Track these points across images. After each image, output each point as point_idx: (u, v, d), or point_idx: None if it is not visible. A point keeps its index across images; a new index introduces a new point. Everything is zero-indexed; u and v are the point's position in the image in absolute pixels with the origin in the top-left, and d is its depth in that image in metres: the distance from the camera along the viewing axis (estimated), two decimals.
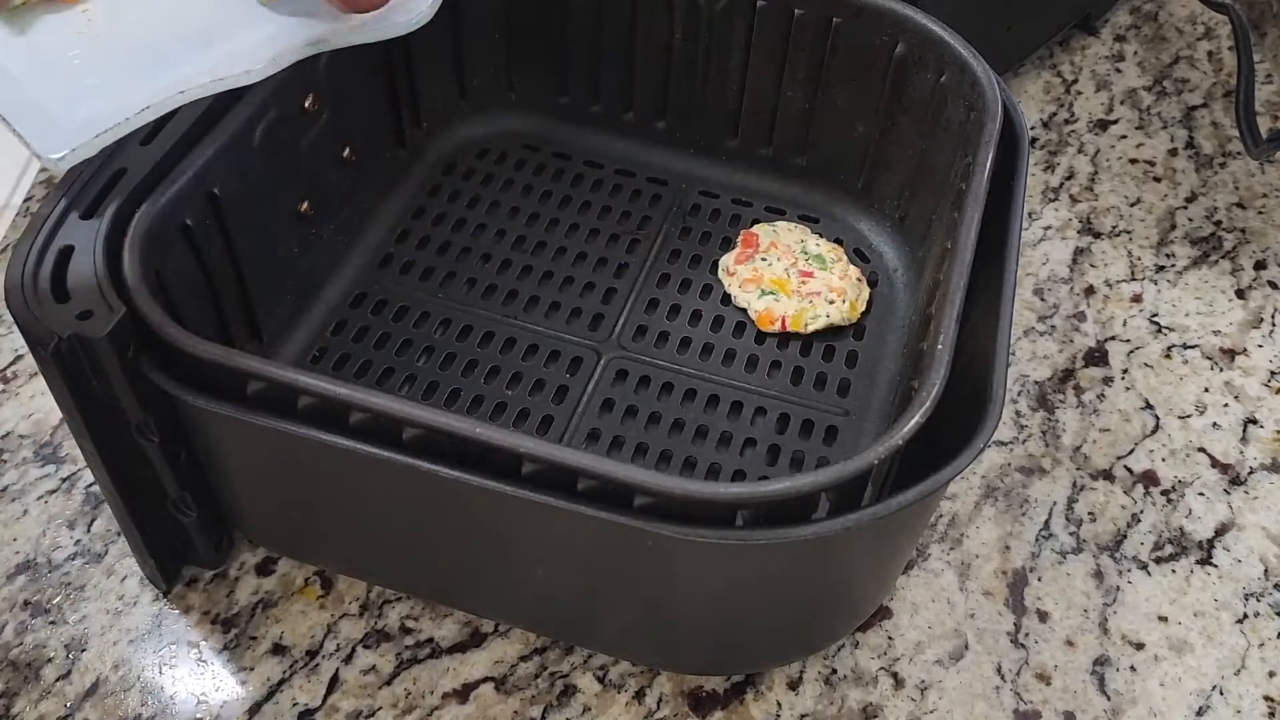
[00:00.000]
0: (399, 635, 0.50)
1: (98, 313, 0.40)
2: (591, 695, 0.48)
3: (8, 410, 0.57)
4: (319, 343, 0.57)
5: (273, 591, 0.51)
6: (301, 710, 0.48)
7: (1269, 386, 0.60)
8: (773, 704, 0.48)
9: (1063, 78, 0.77)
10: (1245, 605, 0.52)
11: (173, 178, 0.46)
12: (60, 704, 0.48)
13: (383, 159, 0.62)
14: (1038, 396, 0.59)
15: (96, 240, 0.43)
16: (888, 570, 0.49)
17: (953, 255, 0.45)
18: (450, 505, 0.43)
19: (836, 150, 0.62)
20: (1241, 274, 0.66)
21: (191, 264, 0.48)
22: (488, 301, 0.59)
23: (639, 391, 0.56)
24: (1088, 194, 0.70)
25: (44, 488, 0.54)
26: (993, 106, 0.51)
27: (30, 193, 0.68)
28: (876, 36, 0.57)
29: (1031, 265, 0.66)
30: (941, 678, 0.49)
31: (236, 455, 0.46)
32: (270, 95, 0.50)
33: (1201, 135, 0.73)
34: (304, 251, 0.56)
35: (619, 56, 0.63)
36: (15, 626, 0.50)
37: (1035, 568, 0.53)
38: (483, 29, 0.63)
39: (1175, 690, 0.49)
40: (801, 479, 0.37)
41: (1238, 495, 0.56)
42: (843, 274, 0.60)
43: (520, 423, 0.54)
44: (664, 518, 0.38)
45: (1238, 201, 0.69)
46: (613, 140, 0.67)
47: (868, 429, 0.55)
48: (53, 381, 0.41)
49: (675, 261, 0.62)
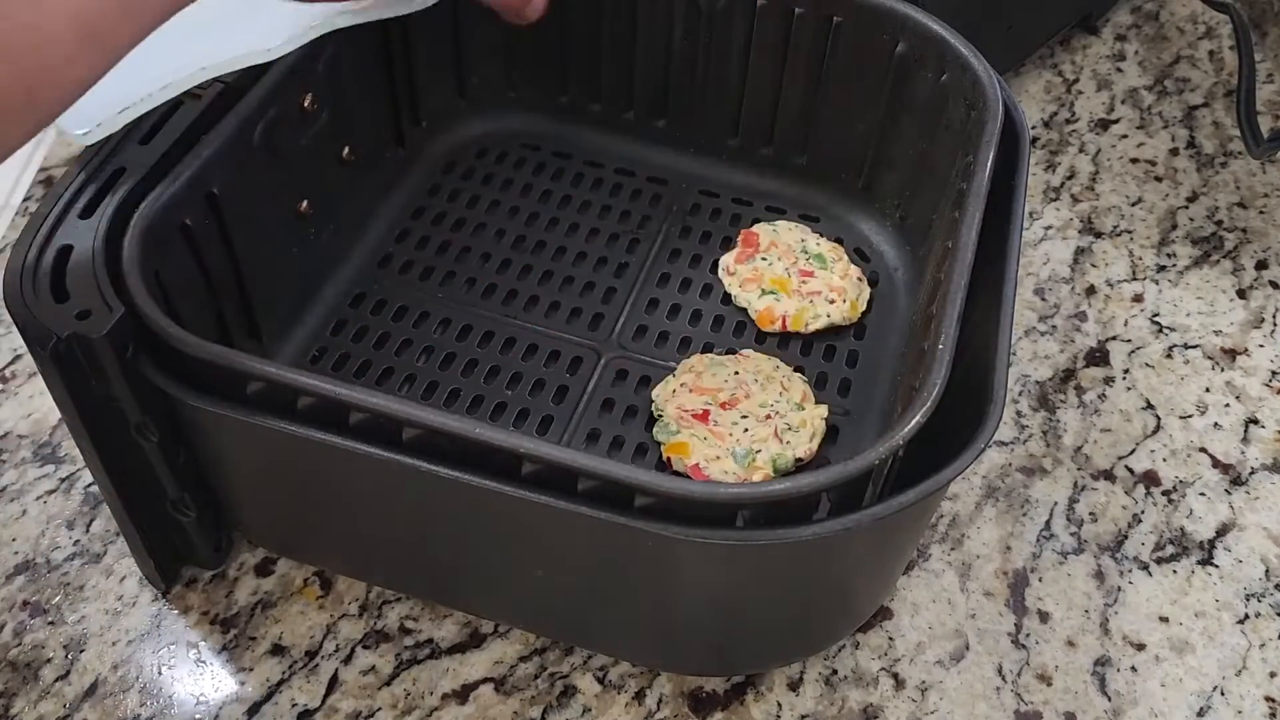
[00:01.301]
0: (398, 636, 0.50)
1: (97, 312, 0.40)
2: (591, 696, 0.48)
3: (6, 410, 0.57)
4: (319, 343, 0.57)
5: (272, 592, 0.51)
6: (301, 711, 0.48)
7: (1270, 386, 0.60)
8: (773, 704, 0.48)
9: (1064, 77, 0.77)
10: (1246, 605, 0.52)
11: (172, 177, 0.46)
12: (59, 704, 0.48)
13: (382, 159, 0.62)
14: (1039, 396, 0.59)
15: (96, 240, 0.43)
16: (888, 571, 0.49)
17: (953, 255, 0.45)
18: (450, 505, 0.43)
19: (837, 149, 0.62)
20: (1243, 274, 0.66)
21: (191, 264, 0.48)
22: (488, 301, 0.59)
23: (639, 391, 0.55)
24: (1089, 193, 0.70)
25: (43, 488, 0.54)
26: (993, 106, 0.51)
27: (29, 193, 0.68)
28: (877, 35, 0.57)
29: (1032, 265, 0.65)
30: (942, 678, 0.49)
31: (236, 455, 0.46)
32: (269, 95, 0.50)
33: (1202, 135, 0.73)
34: (304, 251, 0.56)
35: (619, 56, 0.63)
36: (14, 627, 0.50)
37: (1036, 568, 0.53)
38: (483, 29, 0.63)
39: (1176, 691, 0.49)
40: (802, 479, 0.37)
41: (1239, 495, 0.56)
42: (843, 273, 0.60)
43: (520, 423, 0.54)
44: (664, 518, 0.38)
45: (1239, 201, 0.69)
46: (613, 140, 0.66)
47: (868, 429, 0.54)
48: (51, 381, 0.41)
49: (675, 261, 0.62)
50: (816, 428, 0.53)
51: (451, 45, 0.63)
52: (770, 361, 0.56)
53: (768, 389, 0.54)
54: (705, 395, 0.54)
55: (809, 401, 0.54)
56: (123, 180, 0.45)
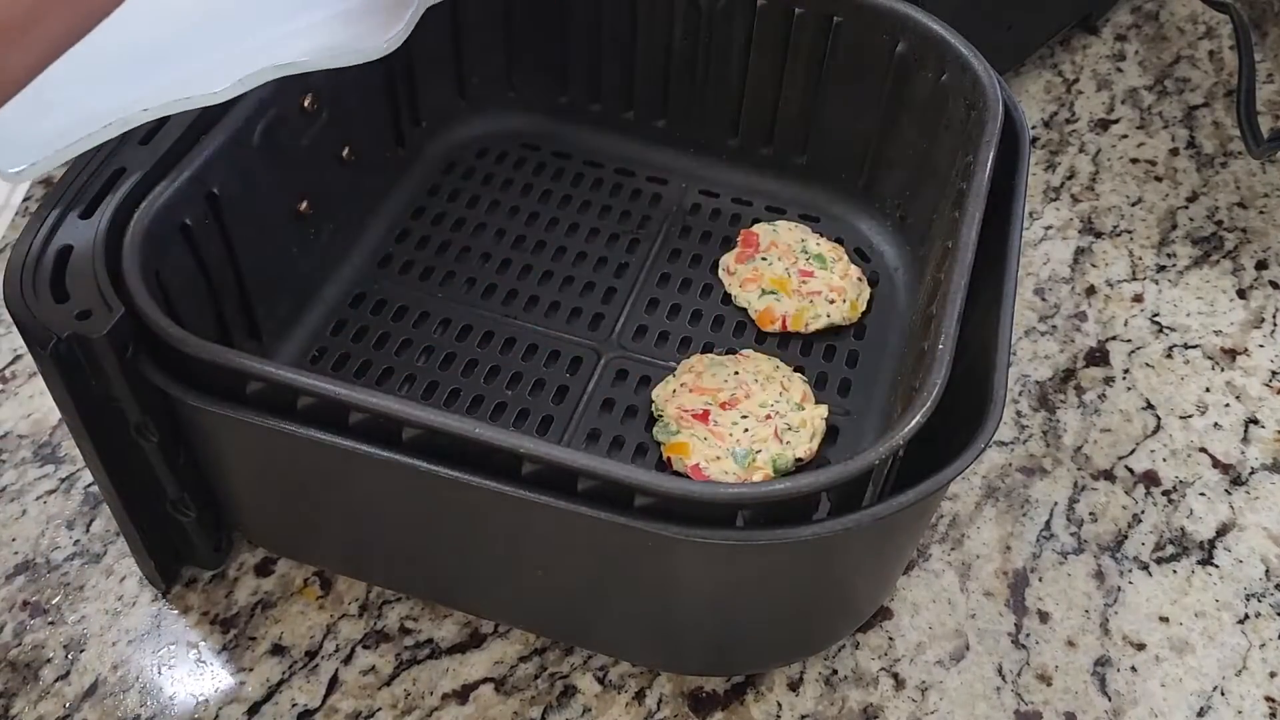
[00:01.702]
0: (398, 636, 0.50)
1: (97, 312, 0.40)
2: (591, 696, 0.48)
3: (6, 410, 0.57)
4: (319, 343, 0.57)
5: (272, 592, 0.51)
6: (301, 711, 0.48)
7: (1270, 386, 0.60)
8: (773, 704, 0.48)
9: (1064, 77, 0.77)
10: (1246, 605, 0.52)
11: (172, 177, 0.46)
12: (59, 704, 0.48)
13: (382, 158, 0.62)
14: (1039, 396, 0.59)
15: (95, 240, 0.43)
16: (888, 571, 0.49)
17: (953, 255, 0.45)
18: (450, 505, 0.43)
19: (837, 149, 0.62)
20: (1243, 274, 0.66)
21: (191, 264, 0.48)
22: (488, 301, 0.59)
23: (639, 391, 0.55)
24: (1089, 193, 0.70)
25: (43, 488, 0.54)
26: (993, 105, 0.51)
27: (29, 192, 0.68)
28: (877, 35, 0.57)
29: (1032, 265, 0.65)
30: (942, 678, 0.49)
31: (236, 455, 0.46)
32: (269, 95, 0.50)
33: (1202, 135, 0.73)
34: (303, 251, 0.56)
35: (619, 56, 0.63)
36: (14, 627, 0.50)
37: (1036, 568, 0.53)
38: (483, 29, 0.63)
39: (1176, 691, 0.49)
40: (801, 479, 0.37)
41: (1239, 495, 0.56)
42: (843, 273, 0.60)
43: (520, 423, 0.54)
44: (664, 518, 0.38)
45: (1239, 201, 0.69)
46: (613, 140, 0.66)
47: (868, 429, 0.54)
48: (51, 381, 0.41)
49: (675, 261, 0.62)
50: (816, 428, 0.53)
51: (451, 45, 0.63)
52: (770, 361, 0.56)
53: (768, 389, 0.54)
54: (705, 395, 0.54)
55: (809, 401, 0.54)
56: (123, 180, 0.45)
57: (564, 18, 0.62)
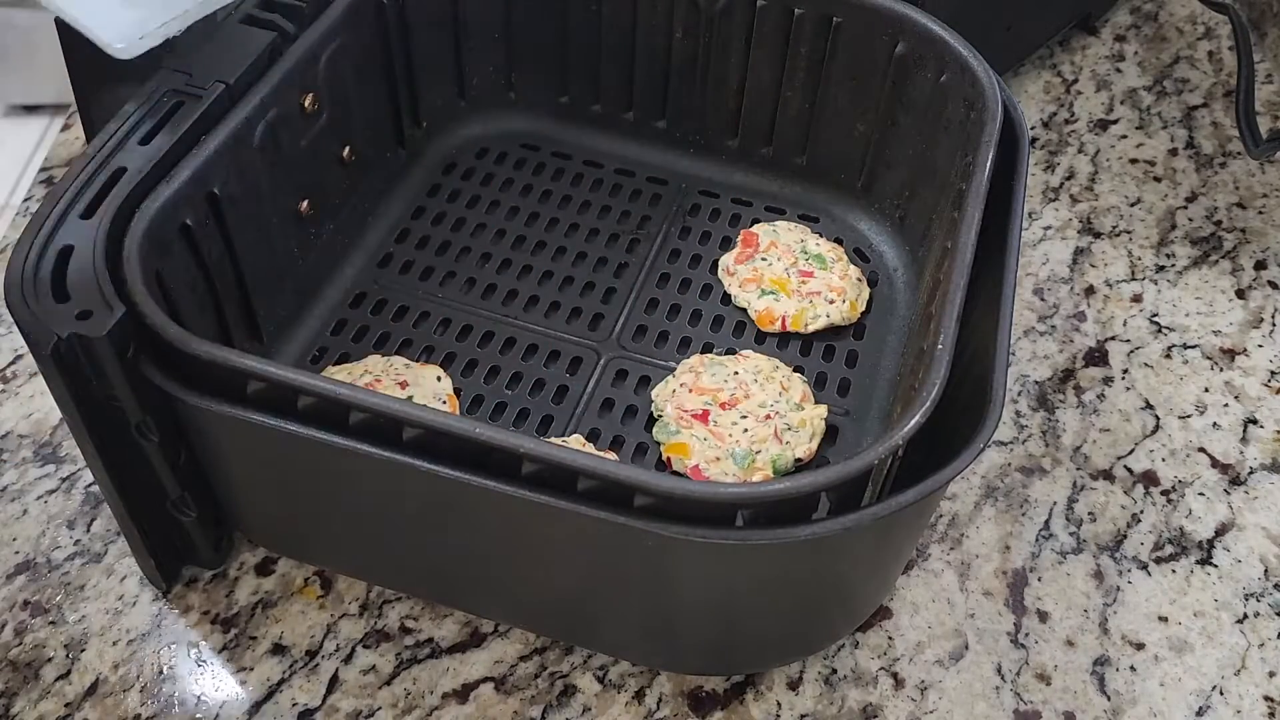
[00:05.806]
0: (399, 635, 0.50)
1: (97, 312, 0.40)
2: (591, 695, 0.48)
3: (7, 410, 0.57)
4: (319, 343, 0.57)
5: (272, 591, 0.51)
6: (301, 710, 0.48)
7: (1269, 386, 0.60)
8: (773, 704, 0.48)
9: (1063, 77, 0.77)
10: (1245, 605, 0.52)
11: (172, 177, 0.46)
12: (60, 704, 0.48)
13: (382, 159, 0.62)
14: (1038, 396, 0.59)
15: (96, 240, 0.43)
16: (888, 570, 0.49)
17: (953, 255, 0.45)
18: (450, 505, 0.43)
19: (836, 150, 0.62)
20: (1242, 274, 0.66)
21: (191, 264, 0.48)
22: (488, 301, 0.59)
23: (639, 391, 0.56)
24: (1088, 194, 0.70)
25: (43, 487, 0.54)
26: (993, 106, 0.51)
27: (30, 193, 0.68)
28: (877, 36, 0.57)
29: (1031, 265, 0.66)
30: (941, 678, 0.49)
31: (236, 455, 0.46)
32: (270, 95, 0.50)
33: (1201, 135, 0.73)
34: (304, 251, 0.56)
35: (619, 56, 0.63)
36: (15, 626, 0.50)
37: (1035, 568, 0.53)
38: (483, 29, 0.63)
39: (1175, 690, 0.49)
40: (801, 479, 0.37)
41: (1238, 495, 0.56)
42: (843, 274, 0.60)
43: (520, 423, 0.54)
44: (664, 518, 0.38)
45: (1238, 201, 0.69)
46: (613, 140, 0.67)
47: (868, 429, 0.54)
48: (52, 381, 0.41)
49: (675, 261, 0.62)
50: (816, 428, 0.53)
51: (451, 45, 0.63)
52: (770, 362, 0.56)
53: (767, 389, 0.54)
54: (705, 395, 0.54)
55: (809, 401, 0.54)
56: (123, 180, 0.45)
57: (564, 18, 0.63)
